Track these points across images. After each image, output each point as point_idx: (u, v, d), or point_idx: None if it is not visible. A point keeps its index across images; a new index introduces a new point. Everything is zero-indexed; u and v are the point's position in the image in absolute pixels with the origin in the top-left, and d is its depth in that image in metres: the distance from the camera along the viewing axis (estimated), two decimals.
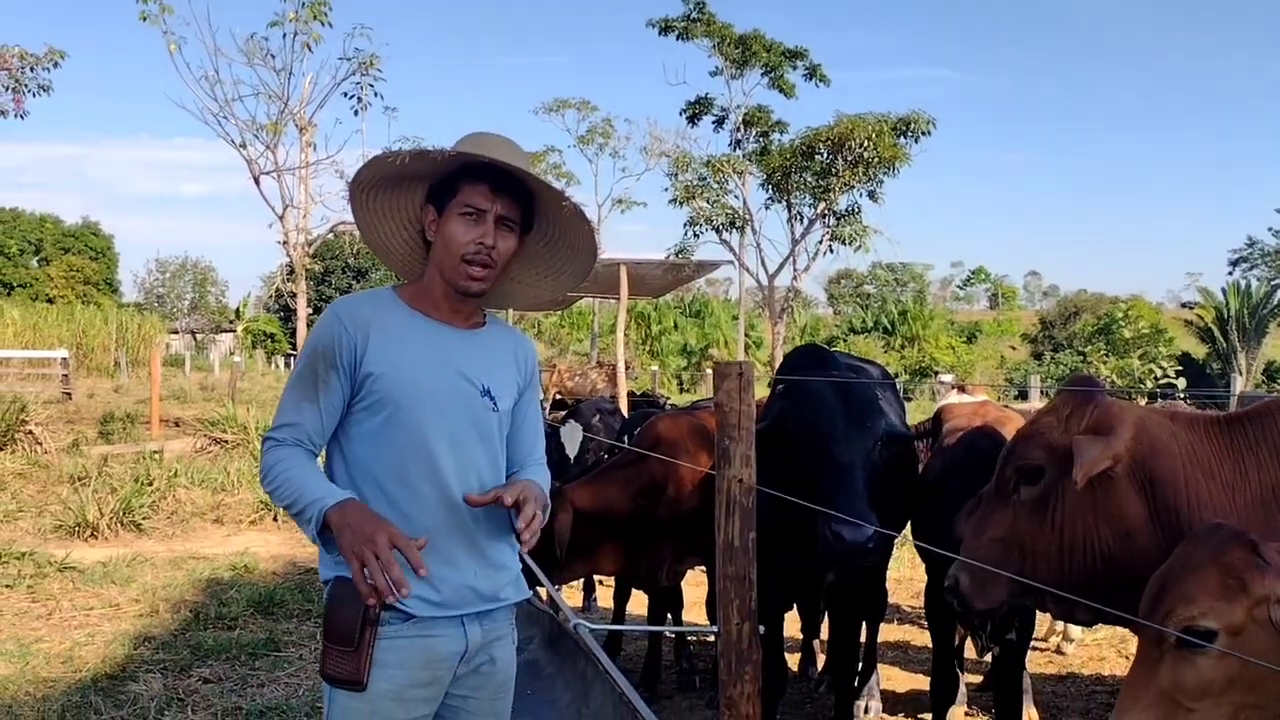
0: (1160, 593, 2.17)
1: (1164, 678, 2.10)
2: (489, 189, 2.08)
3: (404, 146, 2.28)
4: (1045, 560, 2.82)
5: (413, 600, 2.00)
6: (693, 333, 45.47)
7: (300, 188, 17.44)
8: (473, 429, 2.12)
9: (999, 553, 2.87)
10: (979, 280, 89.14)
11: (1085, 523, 2.78)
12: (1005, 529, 2.88)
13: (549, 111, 36.70)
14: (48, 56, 16.00)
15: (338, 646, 1.98)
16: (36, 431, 12.72)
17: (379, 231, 2.21)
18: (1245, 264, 47.78)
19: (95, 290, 55.10)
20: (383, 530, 1.87)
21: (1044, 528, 2.82)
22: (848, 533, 3.32)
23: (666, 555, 4.86)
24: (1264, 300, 40.63)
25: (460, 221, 2.09)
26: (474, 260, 2.08)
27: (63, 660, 5.26)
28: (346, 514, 1.90)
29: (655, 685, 5.18)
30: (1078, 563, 2.80)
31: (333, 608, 2.00)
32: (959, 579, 2.93)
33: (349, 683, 1.98)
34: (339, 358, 2.03)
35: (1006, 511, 2.90)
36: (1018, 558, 2.85)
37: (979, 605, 2.94)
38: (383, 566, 1.84)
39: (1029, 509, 2.85)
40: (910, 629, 6.40)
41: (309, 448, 2.05)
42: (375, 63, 17.49)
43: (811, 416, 3.61)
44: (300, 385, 2.05)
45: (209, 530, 9.08)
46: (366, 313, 2.08)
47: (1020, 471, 2.88)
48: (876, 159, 22.73)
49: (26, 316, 38.10)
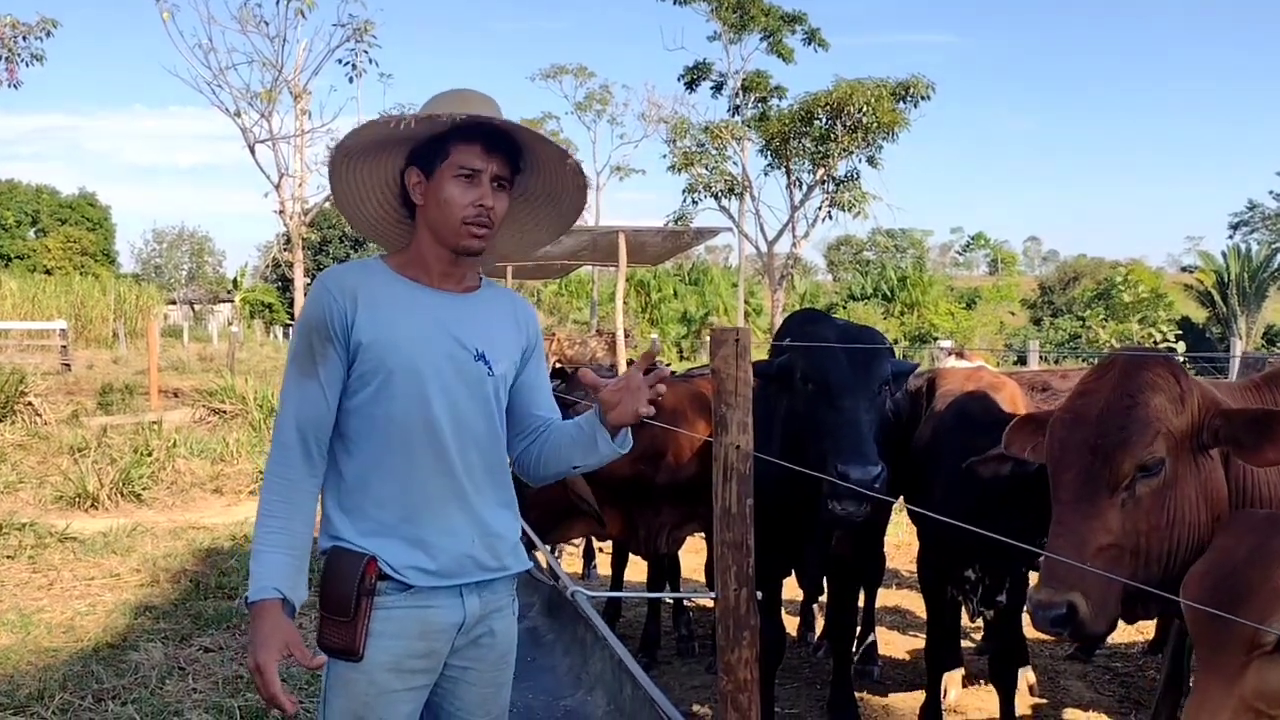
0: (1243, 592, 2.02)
1: (1249, 683, 1.95)
2: (482, 149, 2.04)
3: (400, 113, 2.19)
4: (1157, 561, 2.54)
5: (409, 570, 2.00)
6: (692, 300, 45.39)
7: (296, 156, 17.39)
8: (468, 394, 2.09)
9: (1112, 562, 2.49)
10: (978, 246, 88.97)
11: (1193, 511, 2.56)
12: (1116, 533, 2.51)
13: (546, 78, 36.60)
14: (40, 25, 15.88)
15: (334, 617, 1.98)
16: (36, 403, 12.72)
17: (355, 197, 2.17)
18: (1245, 227, 47.74)
19: (93, 261, 54.92)
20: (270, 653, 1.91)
21: (1159, 524, 2.53)
22: (855, 471, 3.26)
23: (666, 522, 4.88)
24: (1264, 264, 40.56)
25: (456, 184, 2.05)
26: (474, 221, 2.06)
27: (64, 630, 5.28)
28: (257, 618, 1.94)
29: (654, 651, 5.21)
30: (1180, 557, 2.53)
31: (329, 578, 2.00)
32: (1074, 605, 2.45)
33: (345, 653, 1.98)
34: (331, 328, 2.01)
35: (1114, 513, 2.51)
36: (1130, 563, 2.52)
37: (1102, 628, 2.55)
38: (262, 686, 1.91)
39: (1147, 506, 2.52)
40: (908, 594, 6.43)
41: (313, 451, 2.03)
42: (369, 29, 17.41)
43: (816, 363, 3.57)
44: (299, 363, 2.03)
45: (209, 500, 9.10)
46: (353, 281, 2.05)
47: (1143, 467, 2.51)
48: (876, 124, 22.63)
49: (24, 288, 38.01)
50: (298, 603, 1.99)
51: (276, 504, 2.00)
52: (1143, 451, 2.50)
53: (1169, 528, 2.52)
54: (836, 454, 3.33)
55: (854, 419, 3.43)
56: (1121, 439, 2.52)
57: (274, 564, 1.97)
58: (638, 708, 3.82)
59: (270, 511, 2.00)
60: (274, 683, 1.90)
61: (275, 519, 2.00)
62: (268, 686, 1.91)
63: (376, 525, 2.02)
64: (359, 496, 2.04)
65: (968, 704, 4.57)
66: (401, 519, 2.03)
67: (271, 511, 2.00)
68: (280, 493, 2.01)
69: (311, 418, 2.02)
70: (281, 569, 1.96)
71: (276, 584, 1.95)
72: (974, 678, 4.79)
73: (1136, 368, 2.61)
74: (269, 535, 1.98)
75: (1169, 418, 2.52)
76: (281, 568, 1.97)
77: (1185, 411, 2.54)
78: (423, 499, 2.03)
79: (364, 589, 1.97)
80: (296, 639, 1.94)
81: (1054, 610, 2.44)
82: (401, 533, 2.02)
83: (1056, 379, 5.27)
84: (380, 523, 2.02)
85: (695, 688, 4.83)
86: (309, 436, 2.02)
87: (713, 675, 4.79)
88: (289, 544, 1.99)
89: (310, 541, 2.05)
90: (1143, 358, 2.66)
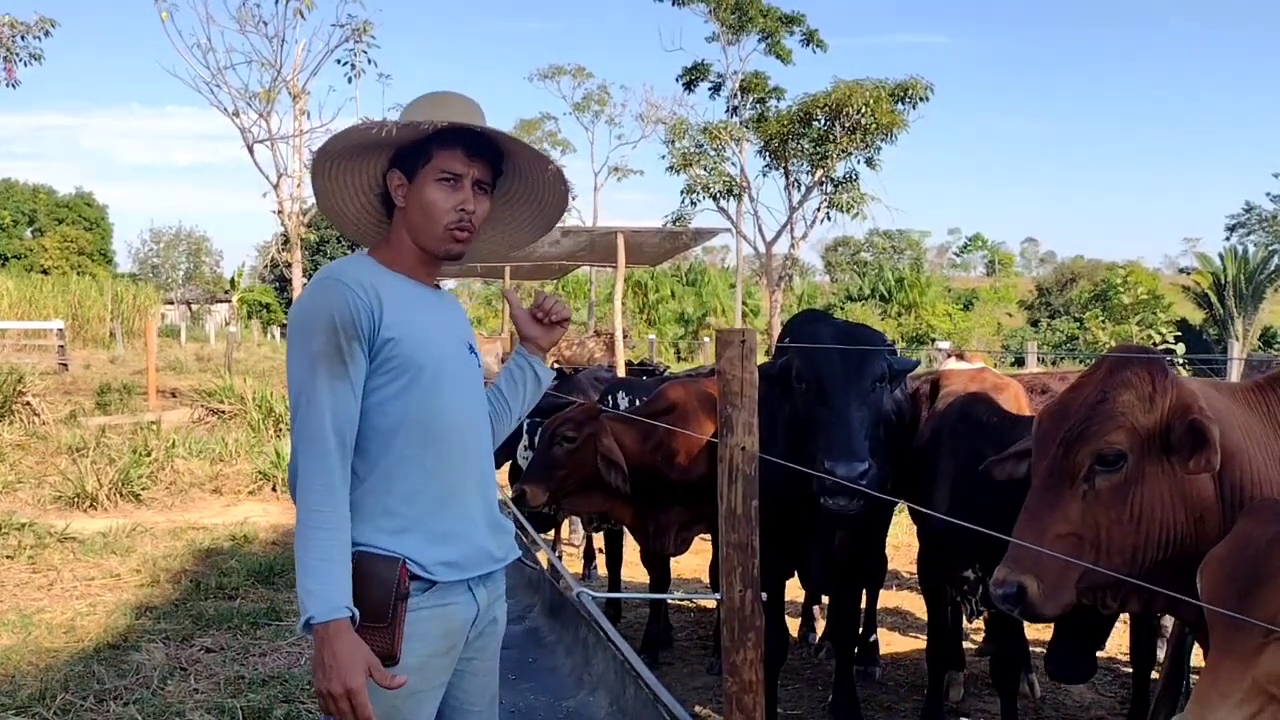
0: (1263, 577, 2.02)
1: (1263, 666, 1.94)
2: (464, 153, 2.06)
3: (398, 114, 2.20)
4: (1120, 553, 2.57)
5: (436, 566, 2.01)
6: (690, 301, 45.41)
7: (294, 156, 17.34)
8: (470, 387, 2.16)
9: (1069, 550, 2.54)
10: (976, 247, 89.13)
11: (1164, 509, 2.57)
12: (1075, 523, 2.57)
13: (544, 78, 36.61)
14: (38, 25, 15.82)
15: (369, 623, 1.93)
16: (34, 403, 12.71)
17: (337, 198, 2.17)
18: (1243, 229, 47.78)
19: (90, 261, 54.81)
20: (358, 675, 1.84)
21: (1121, 518, 2.56)
22: (841, 468, 3.32)
23: (675, 521, 4.90)
24: (1261, 266, 40.55)
25: (438, 188, 2.06)
26: (456, 226, 2.08)
27: (65, 630, 5.27)
28: (334, 638, 1.85)
29: (656, 652, 5.20)
30: (1151, 553, 2.57)
31: (361, 584, 1.94)
32: (1024, 586, 2.54)
33: (382, 658, 1.93)
34: (359, 327, 1.97)
35: (1075, 503, 2.57)
36: (1090, 554, 2.56)
37: (1050, 611, 2.59)
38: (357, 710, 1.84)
39: (1106, 499, 2.56)
40: (909, 595, 6.43)
41: (348, 453, 1.98)
42: (368, 29, 17.38)
43: (808, 362, 3.65)
44: (328, 363, 1.95)
45: (208, 500, 9.08)
46: (370, 278, 2.04)
47: (1100, 458, 2.56)
48: (874, 125, 22.65)
49: (22, 287, 37.94)
50: (359, 618, 1.91)
51: (326, 514, 1.92)
52: (1100, 443, 2.56)
53: (1133, 522, 2.56)
54: (826, 450, 3.41)
55: (843, 416, 3.49)
56: (1081, 430, 2.60)
57: (338, 578, 1.89)
58: (641, 708, 3.82)
59: (320, 522, 1.91)
60: (368, 707, 1.85)
61: (327, 530, 1.91)
62: (362, 711, 1.85)
63: (404, 521, 2.00)
64: (383, 494, 2.01)
65: (969, 705, 4.57)
66: (427, 511, 2.03)
67: (322, 522, 1.91)
68: (327, 501, 1.92)
69: (347, 420, 1.97)
70: (345, 583, 1.90)
71: (346, 601, 1.88)
72: (976, 679, 4.80)
73: (1119, 366, 2.66)
74: (325, 547, 1.90)
75: (1134, 414, 2.57)
76: (345, 582, 1.90)
77: (1155, 410, 2.57)
78: (447, 490, 2.05)
79: (400, 593, 1.95)
80: (375, 659, 1.89)
81: (1005, 589, 2.56)
82: (427, 525, 2.02)
83: (1055, 381, 5.28)
84: (408, 518, 2.01)
85: (697, 689, 4.83)
86: (347, 440, 1.97)
87: (714, 676, 4.79)
88: (344, 556, 1.92)
89: None
90: (1128, 357, 2.69)
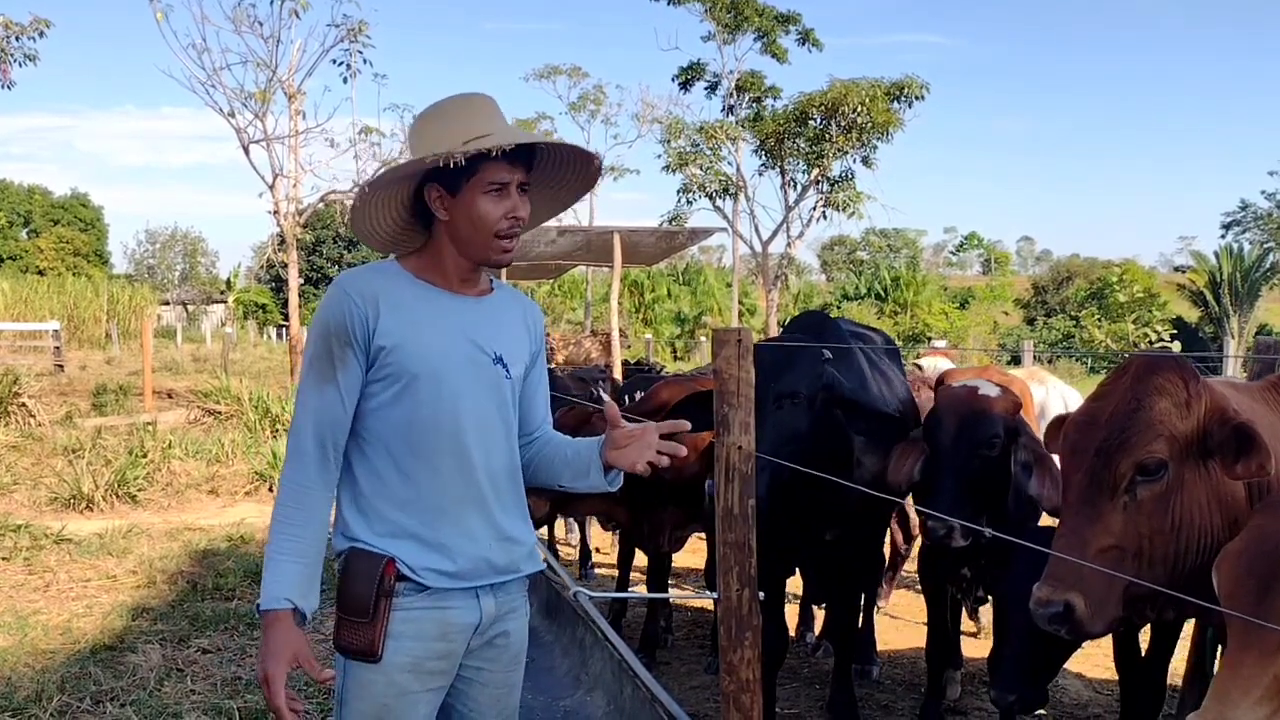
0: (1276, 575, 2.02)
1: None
2: (507, 162, 2.06)
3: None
4: (1162, 563, 2.53)
5: (427, 572, 2.00)
6: (686, 300, 45.36)
7: (290, 157, 17.33)
8: (488, 397, 2.11)
9: (1112, 563, 2.49)
10: (972, 246, 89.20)
11: (1202, 515, 2.54)
12: (1118, 535, 2.51)
13: (540, 78, 36.49)
14: (33, 25, 15.80)
15: (352, 618, 1.98)
16: (30, 404, 12.70)
17: (372, 221, 2.15)
18: (1238, 227, 47.75)
19: (85, 262, 54.78)
20: (280, 664, 1.91)
21: (1163, 527, 2.52)
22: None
23: (669, 520, 4.90)
24: (1256, 264, 40.60)
25: (488, 199, 2.06)
26: (507, 234, 2.08)
27: (61, 632, 5.26)
28: (269, 628, 1.94)
29: (654, 651, 5.20)
30: (1190, 560, 2.53)
31: (347, 580, 2.00)
32: (1071, 604, 2.47)
33: (363, 654, 1.97)
34: (352, 334, 2.00)
35: (1116, 515, 2.51)
36: (1133, 566, 2.51)
37: (1098, 628, 2.54)
38: (270, 697, 1.92)
39: (1148, 509, 2.51)
40: (908, 594, 6.43)
41: (330, 457, 2.02)
42: (364, 29, 17.37)
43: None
44: (318, 367, 2.02)
45: (204, 501, 9.07)
46: (375, 286, 2.04)
47: (1142, 468, 2.51)
48: (870, 124, 22.66)
49: (17, 289, 37.90)
50: (309, 611, 1.98)
51: (292, 511, 1.99)
52: (1141, 453, 2.50)
53: (1174, 531, 2.52)
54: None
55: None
56: (1121, 440, 2.53)
57: (287, 573, 1.96)
58: (638, 708, 3.82)
59: (285, 519, 1.99)
60: (281, 694, 1.91)
61: (291, 526, 1.98)
62: (275, 698, 1.91)
63: (395, 528, 2.02)
64: (377, 499, 2.04)
65: (968, 703, 4.57)
66: (420, 523, 2.02)
67: (287, 519, 1.99)
68: (296, 500, 2.00)
69: (330, 424, 2.01)
70: (294, 578, 1.96)
71: (288, 594, 1.94)
72: (974, 678, 4.80)
73: (1148, 371, 2.60)
74: (283, 543, 1.98)
75: (1173, 421, 2.52)
76: (294, 577, 1.96)
77: (1191, 416, 2.53)
78: (443, 503, 2.03)
79: (383, 590, 1.97)
80: (306, 651, 1.94)
81: (1051, 608, 2.48)
82: (420, 536, 2.01)
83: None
84: (399, 525, 2.02)
85: (695, 688, 4.83)
86: (327, 443, 2.02)
87: (711, 676, 4.79)
88: (302, 552, 1.98)
89: (324, 549, 2.04)
90: (1157, 361, 2.64)
